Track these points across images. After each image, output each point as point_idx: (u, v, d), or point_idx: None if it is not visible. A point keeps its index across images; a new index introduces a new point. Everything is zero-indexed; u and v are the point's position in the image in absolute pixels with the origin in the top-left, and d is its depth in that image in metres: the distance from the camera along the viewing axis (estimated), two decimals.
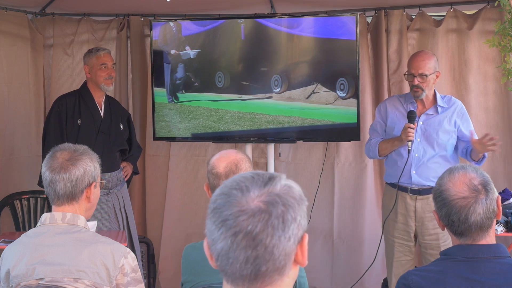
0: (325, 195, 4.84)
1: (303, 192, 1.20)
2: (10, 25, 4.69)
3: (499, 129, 4.57)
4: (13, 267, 2.13)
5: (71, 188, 2.17)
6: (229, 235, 1.12)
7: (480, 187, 1.88)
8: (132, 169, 4.40)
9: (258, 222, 1.11)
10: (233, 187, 1.16)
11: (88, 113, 4.14)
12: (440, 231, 3.62)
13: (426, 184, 3.68)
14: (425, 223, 3.68)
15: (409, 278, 1.91)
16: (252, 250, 1.11)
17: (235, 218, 1.12)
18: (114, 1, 4.86)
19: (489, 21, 4.44)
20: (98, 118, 4.17)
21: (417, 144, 3.70)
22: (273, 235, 1.12)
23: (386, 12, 4.68)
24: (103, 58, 4.13)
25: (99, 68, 4.11)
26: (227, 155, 2.40)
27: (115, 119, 4.26)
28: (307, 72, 4.52)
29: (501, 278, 1.83)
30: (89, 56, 4.16)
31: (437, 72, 3.70)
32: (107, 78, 4.13)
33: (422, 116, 3.72)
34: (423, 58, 3.67)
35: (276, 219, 1.12)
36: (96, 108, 4.18)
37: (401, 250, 3.77)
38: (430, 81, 3.67)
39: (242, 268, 1.13)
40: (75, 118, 4.11)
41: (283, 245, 1.13)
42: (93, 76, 4.13)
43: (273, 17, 4.61)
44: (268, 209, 1.12)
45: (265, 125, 4.55)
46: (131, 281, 2.14)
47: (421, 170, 3.69)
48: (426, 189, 3.67)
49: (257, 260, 1.12)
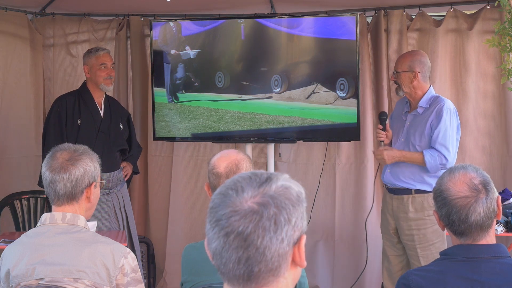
0: (326, 195, 4.84)
1: (304, 192, 1.20)
2: (10, 25, 4.69)
3: (498, 129, 4.57)
4: (13, 267, 2.13)
5: (71, 188, 2.17)
6: (222, 235, 1.13)
7: (480, 186, 1.88)
8: (132, 168, 4.40)
9: (249, 223, 1.12)
10: (230, 187, 1.17)
11: (88, 113, 4.15)
12: (415, 233, 3.66)
13: (397, 184, 3.72)
14: (400, 222, 3.73)
15: (409, 278, 1.91)
16: (243, 250, 1.12)
17: (228, 219, 1.13)
18: (114, 1, 4.86)
19: (489, 21, 4.44)
20: (98, 118, 4.17)
21: (400, 144, 3.76)
22: (264, 236, 1.12)
23: (386, 12, 4.68)
24: (102, 58, 4.13)
25: (99, 68, 4.12)
26: (228, 155, 2.40)
27: (115, 119, 4.26)
28: (307, 72, 4.52)
29: (501, 278, 1.83)
30: (89, 56, 4.16)
31: (414, 72, 3.66)
32: (106, 78, 4.13)
33: (409, 116, 3.75)
34: (402, 56, 3.83)
35: (268, 221, 1.12)
36: (96, 108, 4.18)
37: (388, 245, 3.87)
38: (404, 78, 3.68)
39: (235, 268, 1.13)
40: (75, 118, 4.11)
41: (275, 246, 1.13)
42: (93, 76, 4.13)
43: (273, 17, 4.61)
44: (259, 210, 1.13)
45: (265, 125, 4.55)
46: (131, 281, 2.14)
47: (394, 169, 3.74)
48: (399, 189, 3.72)
49: (249, 261, 1.12)
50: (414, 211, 3.66)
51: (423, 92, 3.69)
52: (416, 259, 3.66)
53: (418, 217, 3.65)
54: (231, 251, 1.12)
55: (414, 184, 3.67)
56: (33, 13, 4.85)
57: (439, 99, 3.65)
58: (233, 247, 1.12)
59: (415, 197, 3.67)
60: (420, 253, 3.63)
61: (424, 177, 3.65)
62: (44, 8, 4.83)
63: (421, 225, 3.64)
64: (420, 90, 3.69)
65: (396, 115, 3.89)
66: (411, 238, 3.68)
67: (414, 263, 3.68)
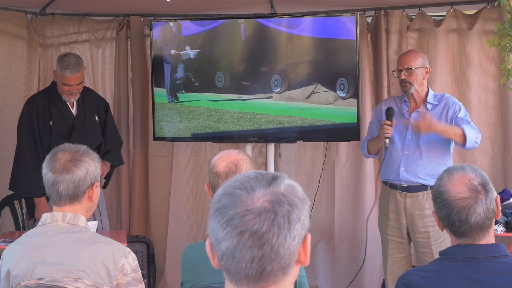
0: (326, 195, 4.84)
1: (304, 192, 1.20)
2: (9, 25, 4.69)
3: (498, 128, 4.57)
4: (13, 267, 2.13)
5: (74, 189, 2.17)
6: (235, 234, 1.12)
7: (479, 187, 1.88)
8: (108, 168, 4.31)
9: (264, 221, 1.12)
10: (237, 186, 1.16)
11: (58, 114, 4.10)
12: (431, 230, 3.65)
13: (414, 181, 3.70)
14: (415, 220, 3.70)
15: (409, 278, 1.91)
16: (258, 249, 1.12)
17: (241, 218, 1.12)
18: (114, 1, 4.86)
19: (489, 21, 4.44)
20: (70, 117, 4.12)
21: (408, 141, 3.74)
22: (279, 234, 1.12)
23: (386, 12, 4.68)
24: (67, 79, 3.99)
25: (62, 84, 4.02)
26: (228, 155, 2.40)
27: (89, 113, 4.21)
28: (307, 72, 4.52)
29: (501, 278, 1.83)
30: (58, 65, 4.02)
31: (427, 68, 3.75)
32: (68, 93, 4.05)
33: (413, 114, 3.76)
34: (409, 54, 3.81)
35: (282, 218, 1.13)
36: (67, 107, 4.13)
37: (395, 247, 3.81)
38: (418, 75, 3.71)
39: (248, 268, 1.13)
40: (46, 119, 4.07)
41: (288, 244, 1.13)
42: (58, 84, 4.06)
43: (273, 17, 4.61)
44: (274, 208, 1.13)
45: (265, 125, 4.55)
46: (132, 281, 2.14)
47: (410, 167, 3.72)
48: (416, 186, 3.70)
49: (263, 259, 1.12)
50: (429, 208, 3.63)
51: (427, 90, 3.77)
52: (430, 256, 3.61)
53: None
54: (245, 250, 1.12)
55: (430, 181, 3.65)
56: (33, 13, 4.85)
57: (446, 95, 3.79)
58: (247, 246, 1.11)
59: (430, 194, 3.66)
60: (434, 250, 3.60)
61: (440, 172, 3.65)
62: (44, 8, 4.83)
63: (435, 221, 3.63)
64: (426, 88, 3.77)
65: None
66: (426, 236, 3.67)
67: (427, 261, 3.63)
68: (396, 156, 3.75)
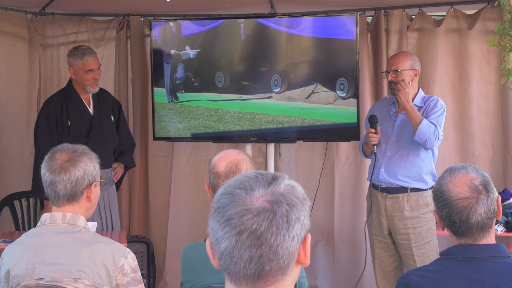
0: (325, 196, 4.84)
1: (304, 192, 1.20)
2: (9, 25, 4.69)
3: (499, 128, 4.57)
4: (13, 267, 2.13)
5: (72, 189, 2.17)
6: (234, 234, 1.12)
7: (481, 187, 1.88)
8: (123, 169, 4.36)
9: (263, 221, 1.12)
10: (237, 186, 1.16)
11: (76, 113, 4.11)
12: (411, 232, 3.66)
13: (394, 182, 3.71)
14: (395, 221, 3.72)
15: (409, 278, 1.91)
16: (256, 249, 1.12)
17: (240, 217, 1.12)
18: (114, 1, 4.86)
19: (489, 21, 4.44)
20: (87, 116, 4.14)
21: (392, 143, 3.76)
22: (277, 234, 1.12)
23: (386, 12, 4.68)
24: (89, 64, 4.06)
25: (85, 73, 4.06)
26: (229, 155, 2.40)
27: (105, 112, 4.23)
28: (307, 72, 4.52)
29: (501, 278, 1.83)
30: (74, 58, 4.08)
31: (415, 70, 3.74)
32: (92, 82, 4.08)
33: (400, 116, 3.77)
34: (398, 56, 3.81)
35: (281, 218, 1.13)
36: (84, 106, 4.14)
37: (380, 246, 3.84)
38: (406, 77, 3.69)
39: (246, 268, 1.13)
40: (64, 119, 4.08)
41: (287, 244, 1.13)
42: (79, 78, 4.08)
43: (273, 17, 4.61)
44: (272, 208, 1.13)
45: (265, 125, 4.55)
46: (131, 281, 2.14)
47: (390, 168, 3.73)
48: (395, 188, 3.72)
49: (261, 259, 1.12)
50: (409, 210, 3.67)
51: (416, 92, 3.76)
52: (411, 258, 3.67)
53: (413, 216, 3.66)
54: (244, 250, 1.12)
55: (411, 183, 3.68)
56: (33, 13, 4.85)
57: (433, 96, 3.77)
58: (245, 246, 1.12)
59: (410, 196, 3.68)
60: (416, 252, 3.64)
61: (422, 175, 3.67)
62: (44, 8, 4.83)
63: (416, 224, 3.66)
64: (414, 90, 3.74)
65: (381, 117, 3.84)
66: (406, 237, 3.69)
67: (409, 262, 3.68)
68: (379, 157, 3.78)
